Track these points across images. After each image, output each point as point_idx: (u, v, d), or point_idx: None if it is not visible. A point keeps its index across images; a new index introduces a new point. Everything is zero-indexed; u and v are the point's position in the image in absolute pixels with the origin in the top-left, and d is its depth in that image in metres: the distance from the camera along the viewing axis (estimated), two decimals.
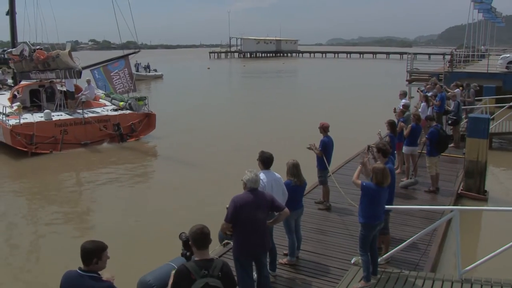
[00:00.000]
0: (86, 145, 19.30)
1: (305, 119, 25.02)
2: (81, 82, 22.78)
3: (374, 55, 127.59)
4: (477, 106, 20.47)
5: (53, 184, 15.46)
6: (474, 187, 12.38)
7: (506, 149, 18.36)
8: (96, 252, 4.18)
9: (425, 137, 12.00)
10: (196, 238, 4.51)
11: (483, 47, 61.38)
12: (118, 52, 23.75)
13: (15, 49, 23.58)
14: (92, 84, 23.02)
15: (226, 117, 27.90)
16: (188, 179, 15.35)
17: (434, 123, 12.39)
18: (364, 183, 6.91)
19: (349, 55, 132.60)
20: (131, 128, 20.67)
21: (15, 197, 14.19)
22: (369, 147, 9.04)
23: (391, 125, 11.64)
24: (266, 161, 7.01)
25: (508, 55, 33.62)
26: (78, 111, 20.18)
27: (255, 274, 6.42)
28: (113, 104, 22.28)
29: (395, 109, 14.45)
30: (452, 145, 16.23)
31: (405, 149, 12.65)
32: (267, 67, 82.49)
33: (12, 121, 18.40)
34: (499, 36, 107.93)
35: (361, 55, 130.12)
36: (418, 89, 18.97)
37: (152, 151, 20.20)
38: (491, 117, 17.12)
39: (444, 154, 13.59)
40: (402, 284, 6.94)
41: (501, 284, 6.79)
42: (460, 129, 17.26)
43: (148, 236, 10.75)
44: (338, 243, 8.71)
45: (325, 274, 7.55)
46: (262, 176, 6.80)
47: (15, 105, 19.54)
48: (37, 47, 23.74)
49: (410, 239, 7.68)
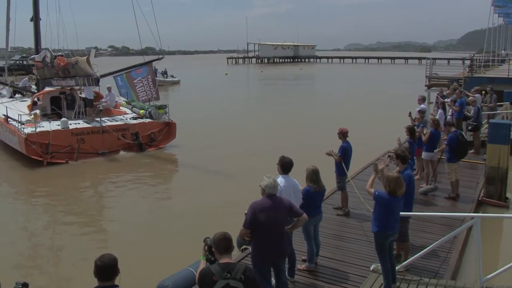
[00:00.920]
0: (104, 155, 18.72)
1: (324, 125, 25.02)
2: (104, 90, 22.64)
3: (393, 60, 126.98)
4: (498, 112, 20.22)
5: (69, 194, 14.89)
6: (495, 194, 12.21)
7: None
8: (117, 264, 4.26)
9: (444, 143, 11.89)
10: (219, 244, 4.67)
11: (504, 52, 60.68)
12: (137, 58, 23.77)
13: (38, 56, 23.34)
14: (113, 92, 22.57)
15: (245, 123, 27.84)
16: (208, 186, 15.32)
17: (454, 129, 12.28)
18: (377, 192, 6.86)
19: (367, 61, 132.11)
20: (151, 138, 20.01)
21: (31, 208, 13.94)
22: (389, 155, 8.98)
23: (410, 131, 11.56)
24: (286, 166, 7.01)
25: None
26: (97, 120, 19.58)
27: (274, 280, 6.41)
28: (134, 112, 21.62)
29: (410, 113, 14.39)
30: (472, 151, 16.05)
31: (424, 155, 12.54)
32: (285, 73, 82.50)
33: (28, 129, 17.78)
34: None
35: (379, 61, 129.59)
36: (438, 95, 18.78)
37: (172, 160, 19.67)
38: None
39: (464, 160, 13.44)
40: None
41: None
42: (480, 135, 17.06)
43: (167, 242, 10.82)
44: (357, 250, 8.65)
45: (344, 281, 7.50)
46: (281, 181, 6.82)
47: (32, 113, 19.08)
48: (58, 54, 23.46)
49: (430, 246, 7.60)
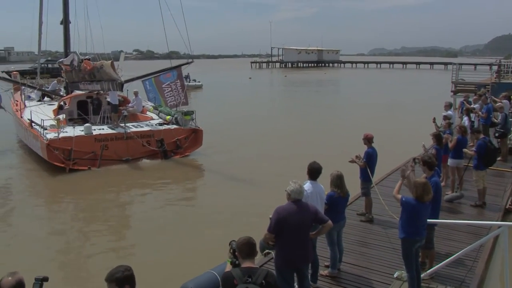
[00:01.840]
0: (127, 162, 18.18)
1: (348, 130, 24.91)
2: (132, 94, 22.44)
3: (418, 66, 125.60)
4: None
5: (91, 202, 14.56)
6: None
7: None
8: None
9: (473, 150, 11.70)
10: (242, 249, 4.75)
11: None
12: (162, 62, 23.75)
13: (66, 59, 23.26)
14: (140, 96, 22.27)
15: (270, 128, 27.61)
16: (233, 192, 15.19)
17: (482, 136, 12.08)
18: (404, 198, 6.79)
19: (392, 66, 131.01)
20: (176, 145, 19.41)
21: (52, 214, 13.83)
22: (414, 160, 8.88)
23: (437, 137, 11.41)
24: (314, 172, 7.02)
25: None
26: (121, 125, 19.04)
27: (296, 286, 6.39)
28: (160, 118, 21.18)
29: (434, 119, 14.23)
30: (500, 159, 15.75)
31: (451, 162, 12.37)
32: (309, 78, 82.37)
33: (51, 135, 17.37)
34: None
35: (404, 66, 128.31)
36: (464, 101, 18.53)
37: (197, 167, 19.06)
38: None
39: (492, 168, 13.18)
40: None
41: None
42: (508, 142, 16.74)
43: (191, 245, 10.88)
44: (381, 256, 8.57)
45: None
46: (308, 187, 6.81)
47: (56, 118, 18.86)
48: (85, 57, 23.41)
49: (456, 255, 7.50)
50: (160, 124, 20.06)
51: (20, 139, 22.14)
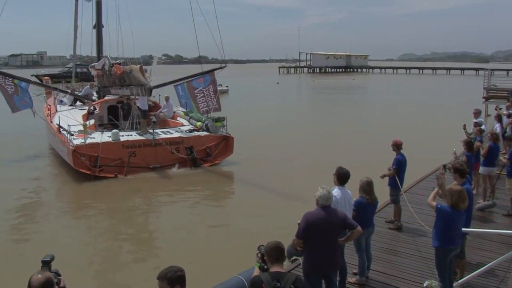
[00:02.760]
0: (155, 169, 17.64)
1: (376, 136, 24.73)
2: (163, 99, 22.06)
3: (448, 71, 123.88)
4: None
5: (118, 211, 14.28)
6: None
7: None
8: None
9: (505, 158, 11.44)
10: (270, 253, 4.75)
11: None
12: (191, 67, 23.73)
13: (98, 63, 23.25)
14: (171, 102, 21.84)
15: (298, 134, 27.32)
16: (262, 197, 15.07)
17: None
18: (439, 206, 6.68)
19: (421, 71, 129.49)
20: (206, 152, 18.71)
21: (77, 223, 13.50)
22: (445, 167, 8.73)
23: (468, 145, 11.21)
24: (343, 177, 6.97)
25: None
26: (150, 131, 18.48)
27: None
28: (191, 124, 20.51)
29: (465, 126, 14.00)
30: None
31: (482, 170, 12.12)
32: (337, 83, 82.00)
33: (77, 140, 16.91)
34: None
35: (434, 71, 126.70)
36: (497, 107, 18.16)
37: (227, 175, 18.45)
38: None
39: None
40: None
41: None
42: None
43: (218, 250, 10.94)
44: (409, 265, 8.43)
45: None
46: (336, 192, 6.77)
47: (83, 123, 18.45)
48: (116, 62, 23.31)
49: (488, 265, 7.33)
50: (190, 131, 19.45)
51: (51, 145, 22.08)
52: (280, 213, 13.07)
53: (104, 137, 17.48)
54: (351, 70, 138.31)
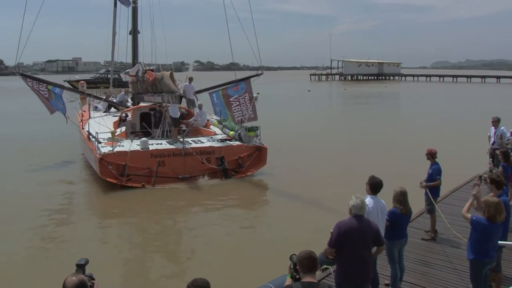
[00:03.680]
0: (184, 180, 16.93)
1: (409, 145, 24.43)
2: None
3: (483, 79, 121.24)
4: None
5: (146, 220, 13.92)
6: None
7: None
8: None
9: None
10: (304, 263, 4.71)
11: None
12: (222, 74, 23.60)
13: (132, 69, 22.91)
14: (204, 109, 21.15)
15: (329, 143, 26.86)
16: (296, 213, 14.51)
17: None
18: (474, 217, 6.54)
19: (456, 79, 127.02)
20: (238, 163, 17.89)
21: (107, 231, 13.20)
22: (481, 178, 8.55)
23: (505, 155, 10.94)
24: (375, 186, 6.91)
25: None
26: (180, 140, 17.85)
27: None
28: (224, 133, 19.62)
29: (501, 136, 13.76)
30: None
31: None
32: (369, 91, 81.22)
33: (105, 148, 16.52)
34: None
35: (469, 79, 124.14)
36: None
37: (259, 186, 17.65)
38: None
39: None
40: None
41: None
42: None
43: (248, 258, 10.94)
44: (443, 277, 8.27)
45: None
46: (369, 201, 6.72)
47: (112, 131, 17.93)
48: (149, 68, 22.58)
49: None
50: (222, 140, 18.60)
51: (83, 152, 21.80)
52: (312, 223, 12.93)
53: (133, 146, 16.99)
54: (383, 78, 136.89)
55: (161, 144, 17.75)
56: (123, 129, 19.69)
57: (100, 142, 17.15)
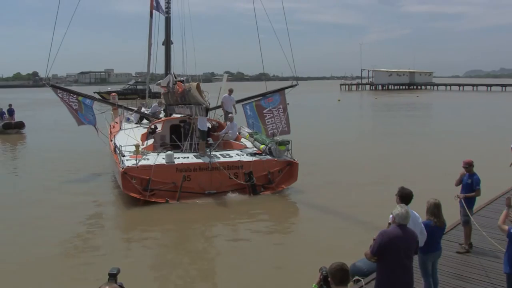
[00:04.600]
0: (210, 195, 16.20)
1: (444, 156, 24.20)
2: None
3: None
4: None
5: (170, 236, 13.63)
6: None
7: None
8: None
9: None
10: (336, 275, 4.74)
11: None
12: (252, 84, 23.39)
13: (163, 80, 22.85)
14: (235, 122, 20.51)
15: (361, 155, 26.26)
16: (324, 218, 14.46)
17: None
18: (511, 230, 6.38)
19: (490, 88, 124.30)
20: (268, 179, 16.98)
21: (132, 247, 12.72)
22: None
23: None
24: (405, 198, 6.81)
25: None
26: (208, 154, 17.01)
27: None
28: (255, 147, 18.73)
29: None
30: None
31: None
32: (401, 101, 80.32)
33: (129, 162, 15.91)
34: None
35: (503, 88, 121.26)
36: None
37: (289, 203, 16.83)
38: None
39: None
40: None
41: None
42: None
43: (277, 271, 10.83)
44: None
45: None
46: None
47: (136, 144, 17.31)
48: (178, 79, 22.37)
49: None
50: (252, 154, 17.64)
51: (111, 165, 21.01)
52: (342, 241, 12.47)
53: (159, 159, 16.33)
54: (415, 87, 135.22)
55: (188, 158, 17.08)
56: (151, 142, 19.25)
57: (124, 155, 16.61)
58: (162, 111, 25.17)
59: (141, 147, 17.56)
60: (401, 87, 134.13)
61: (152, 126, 21.17)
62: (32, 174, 21.95)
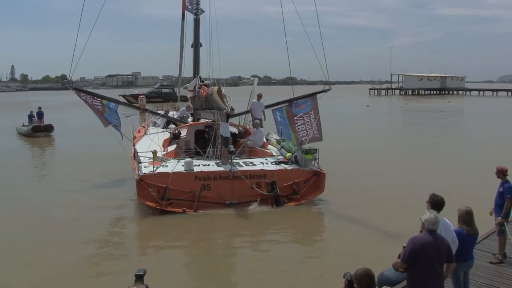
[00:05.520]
0: (231, 206, 15.32)
1: (475, 164, 23.66)
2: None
3: None
4: None
5: (190, 248, 13.26)
6: None
7: None
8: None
9: None
10: (362, 280, 4.67)
11: None
12: (280, 88, 22.94)
13: (190, 84, 22.48)
14: (262, 128, 19.87)
15: (391, 162, 25.69)
16: (353, 238, 13.52)
17: None
18: None
19: None
20: (292, 189, 15.97)
21: (149, 259, 12.17)
22: None
23: None
24: (437, 204, 6.62)
25: None
26: (230, 162, 16.19)
27: None
28: (281, 155, 17.82)
29: None
30: None
31: None
32: (431, 106, 78.99)
33: (146, 169, 15.25)
34: None
35: None
36: None
37: (315, 216, 15.95)
38: None
39: None
40: None
41: None
42: None
43: (298, 276, 10.72)
44: None
45: None
46: None
47: (153, 150, 16.29)
48: (203, 83, 21.92)
49: None
50: (277, 163, 16.68)
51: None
52: (370, 253, 11.72)
53: (178, 166, 15.56)
54: (446, 93, 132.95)
55: (208, 166, 16.16)
56: (173, 148, 18.66)
57: (141, 162, 16.00)
58: (190, 115, 24.49)
59: (162, 153, 17.03)
60: (432, 92, 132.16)
61: (176, 131, 20.67)
62: (58, 177, 22.12)
